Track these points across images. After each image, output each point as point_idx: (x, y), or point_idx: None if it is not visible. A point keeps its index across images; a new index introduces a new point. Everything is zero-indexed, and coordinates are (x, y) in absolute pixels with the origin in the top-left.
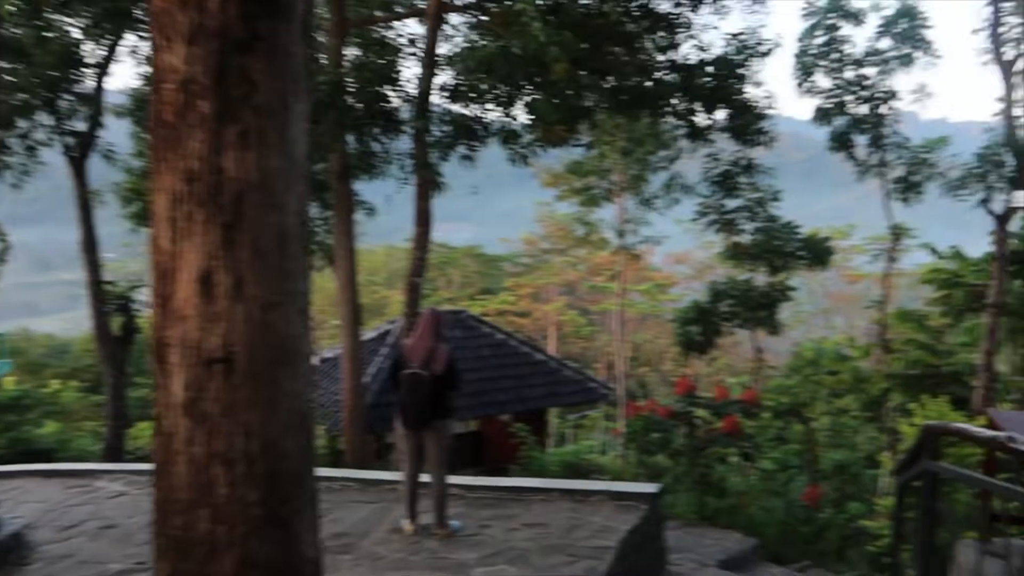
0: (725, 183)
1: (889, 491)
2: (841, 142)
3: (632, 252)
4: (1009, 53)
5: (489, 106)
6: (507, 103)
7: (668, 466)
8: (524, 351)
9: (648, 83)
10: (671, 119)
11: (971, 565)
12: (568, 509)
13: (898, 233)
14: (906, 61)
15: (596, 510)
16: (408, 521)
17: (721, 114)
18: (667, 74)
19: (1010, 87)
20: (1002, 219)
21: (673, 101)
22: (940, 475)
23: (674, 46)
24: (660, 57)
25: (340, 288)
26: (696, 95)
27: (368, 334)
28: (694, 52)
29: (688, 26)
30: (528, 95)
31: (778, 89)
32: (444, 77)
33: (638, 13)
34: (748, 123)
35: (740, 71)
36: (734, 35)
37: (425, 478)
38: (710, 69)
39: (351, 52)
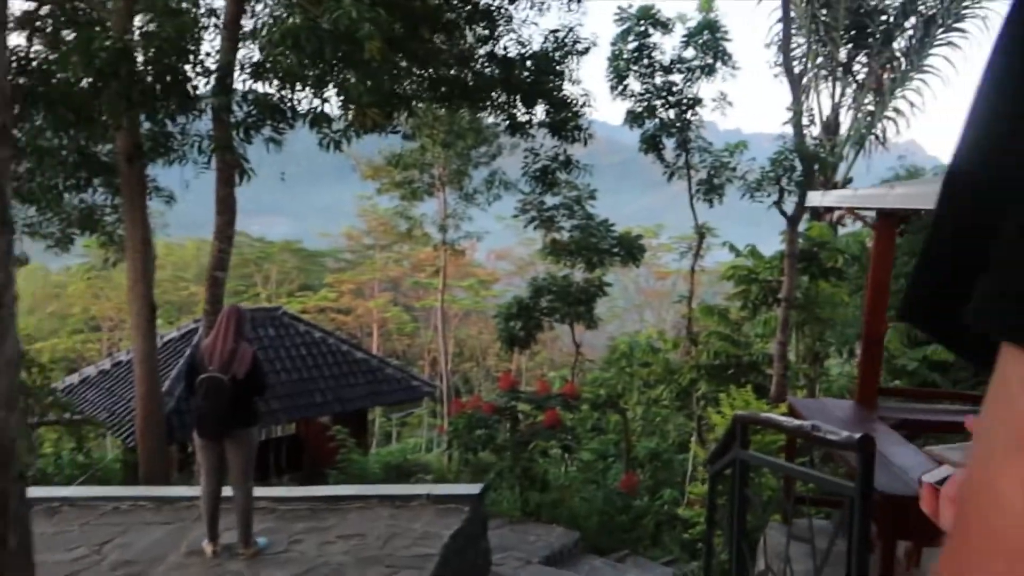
0: (544, 179)
1: (700, 478)
2: (651, 144)
3: (454, 248)
4: (797, 67)
5: (297, 85)
6: (317, 83)
7: (492, 462)
8: (343, 349)
9: (468, 74)
10: (491, 113)
11: (778, 547)
12: (387, 517)
13: (702, 232)
14: (708, 71)
15: (417, 516)
16: (209, 542)
17: (540, 110)
18: (487, 67)
19: (798, 98)
20: (792, 220)
21: (493, 94)
22: (749, 463)
23: (494, 38)
24: (480, 49)
25: (132, 283)
26: (515, 89)
27: (170, 334)
28: (514, 46)
29: (508, 19)
30: (340, 76)
31: (593, 92)
32: (248, 52)
33: (457, 2)
34: (566, 119)
35: (558, 68)
36: (552, 31)
37: (228, 492)
38: (529, 64)
39: (142, 19)
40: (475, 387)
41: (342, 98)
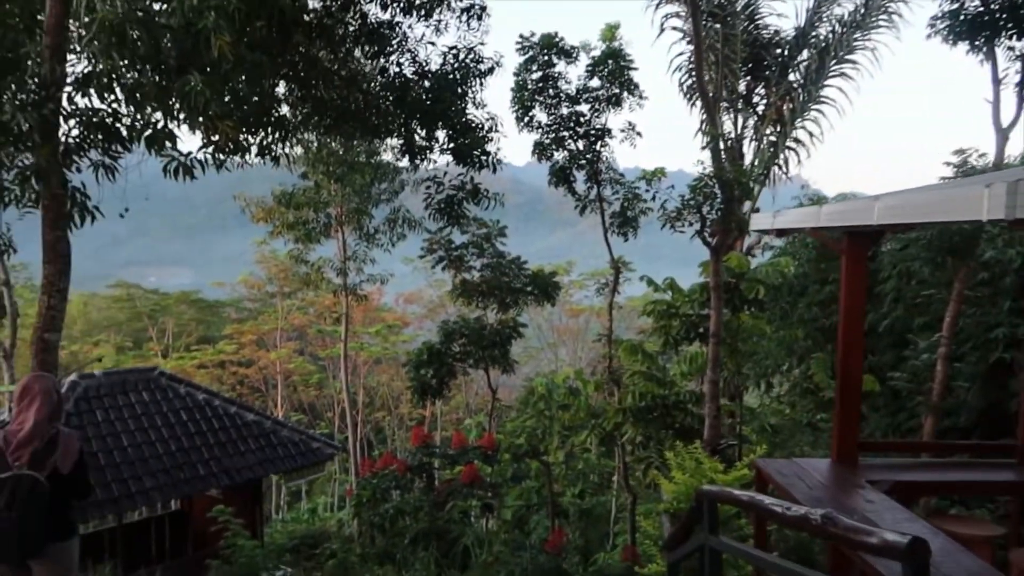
0: (450, 211)
1: (623, 531)
2: (560, 177)
3: (356, 292)
4: (711, 91)
5: (134, 96)
6: (159, 95)
7: (405, 527)
8: (231, 412)
9: (359, 97)
10: (386, 137)
11: None
12: None
13: (618, 266)
14: (615, 101)
15: None
16: None
17: (442, 135)
18: (379, 90)
19: (714, 121)
20: (716, 250)
21: (388, 118)
22: (720, 552)
23: (386, 56)
24: (370, 67)
25: None
26: (412, 111)
27: None
28: (409, 66)
29: (402, 39)
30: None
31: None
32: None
33: (337, 10)
34: (472, 144)
35: (460, 89)
36: (451, 48)
37: None
38: (427, 84)
39: None
40: (388, 437)
41: (185, 109)
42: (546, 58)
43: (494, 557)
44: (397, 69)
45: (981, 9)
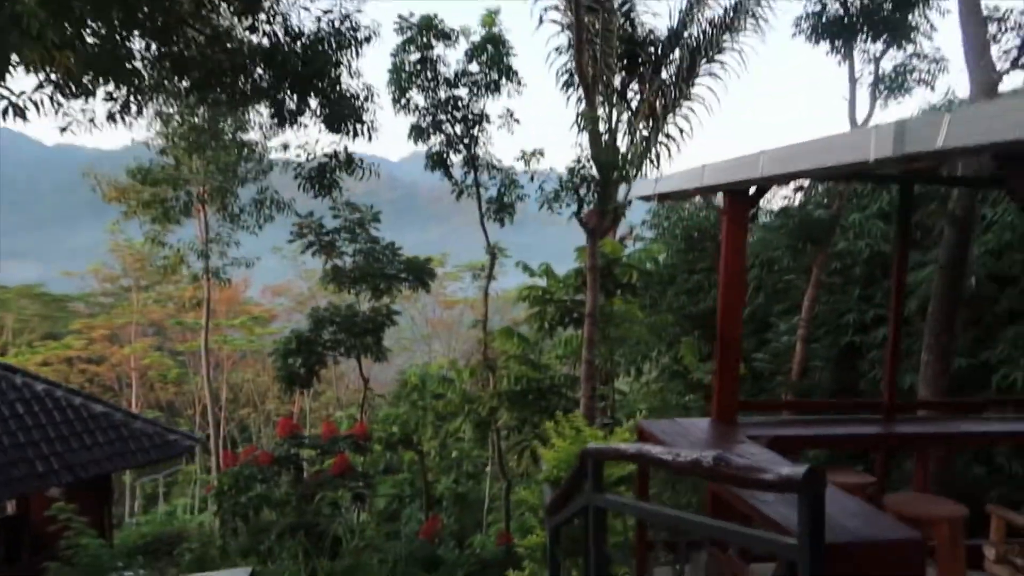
0: (322, 180)
1: (496, 516)
2: (437, 161)
3: (220, 276)
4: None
5: None
6: None
7: (272, 521)
8: (76, 403)
9: (222, 57)
10: (255, 104)
11: None
12: None
13: (494, 253)
14: (494, 87)
15: None
16: None
17: (314, 103)
18: (248, 50)
19: (593, 104)
20: (592, 232)
21: (257, 82)
22: (605, 509)
23: (254, 12)
24: (239, 26)
25: None
26: (282, 75)
27: None
28: (280, 27)
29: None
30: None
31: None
32: None
33: None
34: (344, 110)
35: (334, 56)
36: (326, 11)
37: None
38: (299, 48)
39: None
40: (253, 435)
41: (15, 34)
42: (425, 40)
43: (366, 543)
44: (268, 28)
45: (841, 13)
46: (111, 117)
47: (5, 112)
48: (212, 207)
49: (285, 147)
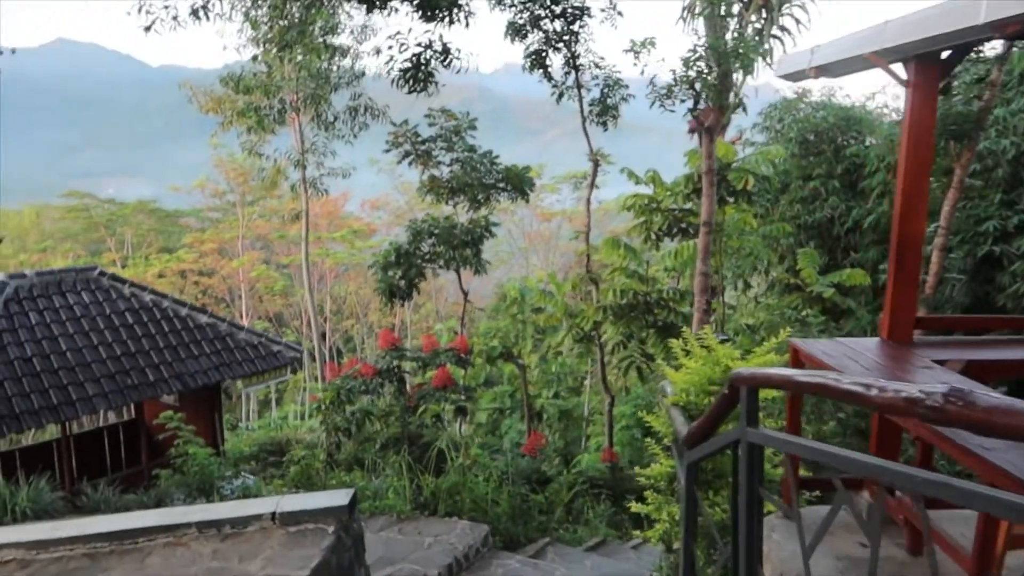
0: (417, 72)
1: (596, 433)
2: (536, 61)
3: (316, 187)
4: None
5: None
6: None
7: (376, 431)
8: (183, 314)
9: None
10: None
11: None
12: (211, 554)
13: (597, 159)
14: None
15: (256, 548)
16: None
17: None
18: None
19: None
20: (710, 130)
21: None
22: (761, 447)
23: None
24: None
25: None
26: None
27: None
28: None
29: None
30: None
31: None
32: None
33: None
34: None
35: None
36: None
37: None
38: None
39: None
40: (357, 346)
41: None
42: None
43: (471, 460)
44: None
45: None
46: (194, 12)
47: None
48: (306, 115)
49: (377, 51)
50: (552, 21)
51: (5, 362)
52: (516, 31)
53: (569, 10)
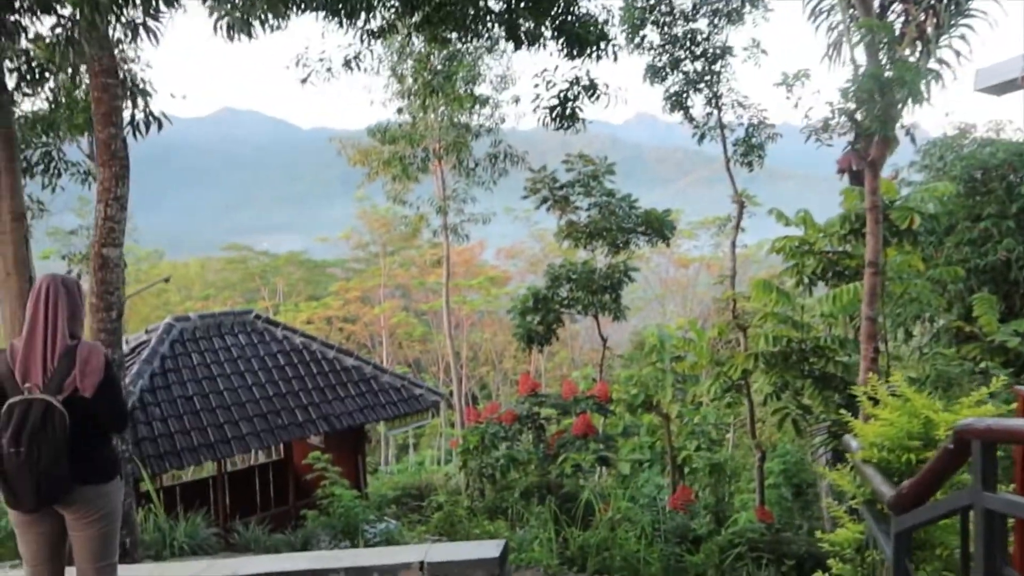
0: (563, 109)
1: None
2: (676, 103)
3: (457, 233)
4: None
5: None
6: None
7: (515, 479)
8: (330, 356)
9: None
10: (486, 25)
11: None
12: None
13: (742, 201)
14: (736, 16)
15: None
16: None
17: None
18: None
19: (870, 11)
20: (873, 165)
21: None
22: (1001, 514)
23: None
24: None
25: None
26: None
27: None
28: None
29: None
30: None
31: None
32: None
33: None
34: (587, 28)
35: None
36: None
37: None
38: None
39: None
40: (492, 392)
41: None
42: None
43: (621, 514)
44: None
45: None
46: (347, 63)
47: (232, 29)
48: (448, 163)
49: (516, 100)
50: (693, 62)
51: (169, 400)
52: (655, 73)
53: (711, 51)
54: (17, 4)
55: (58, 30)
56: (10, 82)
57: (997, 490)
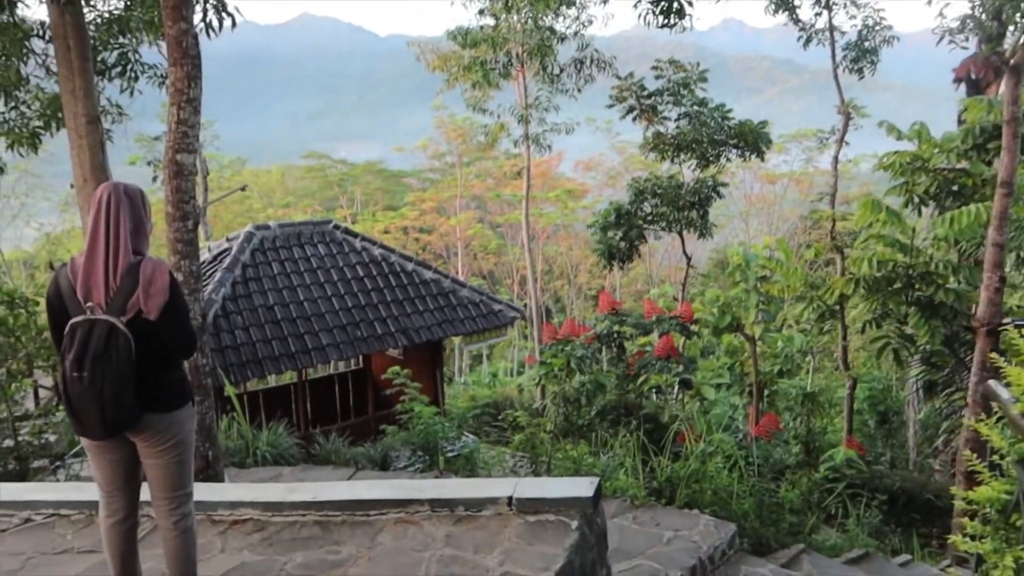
0: (671, 1)
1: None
2: (782, 2)
3: (539, 142)
4: None
5: None
6: None
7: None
8: (409, 269)
9: None
10: None
11: None
12: (444, 539)
13: (849, 113)
14: None
15: (492, 538)
16: None
17: None
18: None
19: None
20: (1015, 70)
21: None
22: None
23: None
24: None
25: (79, 182)
26: None
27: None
28: None
29: None
30: None
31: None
32: None
33: None
34: None
35: None
36: None
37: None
38: None
39: None
40: (566, 307)
41: None
42: None
43: (713, 445)
44: None
45: None
46: None
47: None
48: (530, 70)
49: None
50: None
51: (250, 309)
52: None
53: None
54: None
55: None
56: None
57: None
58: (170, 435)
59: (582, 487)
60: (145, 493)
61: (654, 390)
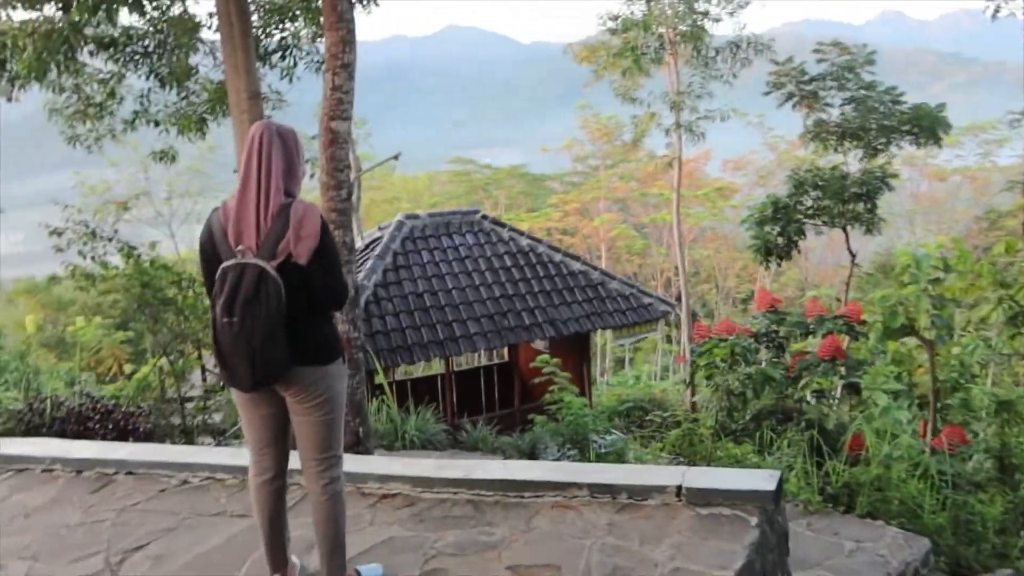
0: None
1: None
2: None
3: (692, 131)
4: None
5: None
6: None
7: (747, 400)
8: (556, 260)
9: None
10: None
11: None
12: (606, 527)
13: None
14: None
15: (659, 529)
16: (273, 573)
17: None
18: None
19: None
20: None
21: None
22: None
23: None
24: None
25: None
26: None
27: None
28: None
29: None
30: None
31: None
32: None
33: None
34: None
35: None
36: None
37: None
38: None
39: None
40: (713, 311)
41: None
42: None
43: (900, 449)
44: None
45: None
46: None
47: None
48: (683, 55)
49: None
50: None
51: (400, 296)
52: None
53: None
54: None
55: None
56: None
57: None
58: (320, 390)
59: (761, 479)
60: (295, 462)
61: (815, 395)
